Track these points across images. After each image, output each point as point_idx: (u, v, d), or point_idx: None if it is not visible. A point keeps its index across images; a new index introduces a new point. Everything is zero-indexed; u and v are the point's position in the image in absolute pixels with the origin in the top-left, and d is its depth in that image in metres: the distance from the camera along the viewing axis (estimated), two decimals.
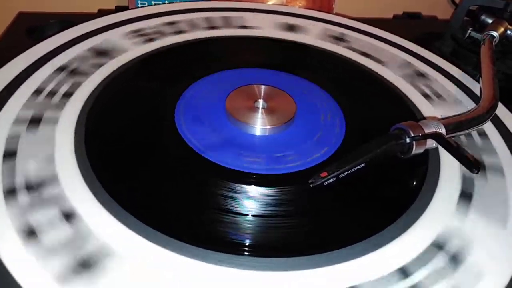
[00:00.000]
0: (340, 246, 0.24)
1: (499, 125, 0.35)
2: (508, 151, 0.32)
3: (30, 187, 0.25)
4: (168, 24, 0.43)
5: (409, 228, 0.25)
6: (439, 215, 0.27)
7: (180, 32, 0.42)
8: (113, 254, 0.22)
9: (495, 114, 0.33)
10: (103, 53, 0.38)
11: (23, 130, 0.29)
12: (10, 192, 0.25)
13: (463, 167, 0.29)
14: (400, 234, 0.25)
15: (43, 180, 0.26)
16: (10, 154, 0.27)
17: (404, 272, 0.23)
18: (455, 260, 0.24)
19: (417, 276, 0.23)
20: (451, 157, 0.27)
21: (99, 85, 0.34)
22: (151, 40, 0.40)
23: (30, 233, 0.23)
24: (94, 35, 0.40)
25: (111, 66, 0.36)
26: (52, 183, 0.25)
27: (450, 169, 0.30)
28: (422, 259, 0.24)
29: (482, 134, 0.33)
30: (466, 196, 0.28)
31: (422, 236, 0.25)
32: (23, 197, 0.24)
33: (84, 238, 0.23)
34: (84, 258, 0.22)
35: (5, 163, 0.26)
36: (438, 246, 0.25)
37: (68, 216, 0.24)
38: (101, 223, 0.24)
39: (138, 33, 0.41)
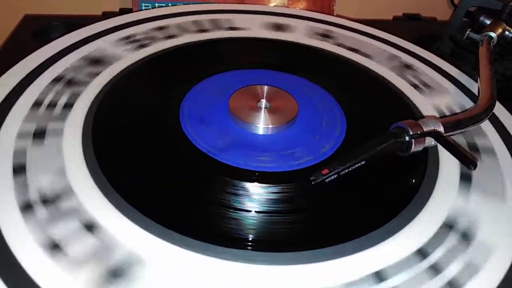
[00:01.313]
0: (349, 239, 0.25)
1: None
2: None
3: (46, 201, 0.25)
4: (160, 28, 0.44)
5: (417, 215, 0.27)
6: (444, 200, 0.28)
7: (181, 34, 0.43)
8: (139, 259, 0.23)
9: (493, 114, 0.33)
10: (108, 53, 0.38)
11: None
12: (27, 208, 0.24)
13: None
14: (410, 221, 0.26)
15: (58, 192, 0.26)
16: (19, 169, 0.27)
17: (422, 254, 0.24)
18: (466, 237, 0.26)
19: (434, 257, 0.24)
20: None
21: (103, 89, 0.34)
22: (153, 42, 0.41)
23: (54, 247, 0.23)
24: (99, 37, 0.41)
25: (117, 66, 0.37)
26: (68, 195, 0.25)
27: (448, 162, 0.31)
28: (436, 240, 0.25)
29: None
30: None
31: (432, 220, 0.27)
32: (40, 212, 0.24)
33: (109, 248, 0.23)
34: (112, 267, 0.22)
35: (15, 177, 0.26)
36: (448, 226, 0.26)
37: (90, 227, 0.24)
38: (122, 230, 0.24)
39: (139, 35, 0.42)
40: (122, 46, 0.40)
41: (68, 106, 0.32)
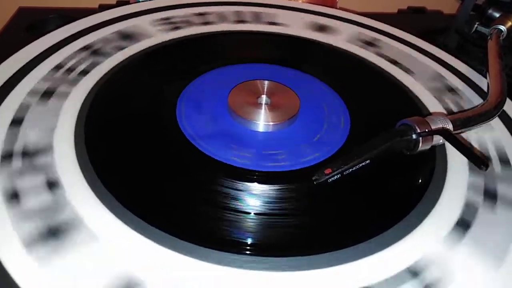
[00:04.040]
0: (346, 246, 0.23)
1: None
2: None
3: (25, 154, 0.26)
4: (165, 19, 0.43)
5: (417, 227, 0.25)
6: (455, 200, 0.27)
7: (181, 27, 0.42)
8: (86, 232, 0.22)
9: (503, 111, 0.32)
10: (103, 47, 0.37)
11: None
12: (6, 157, 0.26)
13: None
14: (407, 232, 0.25)
15: (38, 148, 0.27)
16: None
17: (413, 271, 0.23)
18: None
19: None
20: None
21: (101, 79, 0.34)
22: (152, 35, 0.40)
23: (13, 196, 0.24)
24: (94, 30, 0.40)
25: (112, 60, 0.36)
26: (46, 153, 0.27)
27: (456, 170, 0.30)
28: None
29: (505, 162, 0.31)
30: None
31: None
32: (16, 163, 0.26)
33: (60, 208, 0.23)
34: (54, 226, 0.22)
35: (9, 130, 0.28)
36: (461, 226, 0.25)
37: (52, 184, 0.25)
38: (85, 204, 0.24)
39: (141, 27, 0.41)
40: (121, 39, 0.39)
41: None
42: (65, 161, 0.26)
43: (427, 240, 0.24)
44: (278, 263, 0.22)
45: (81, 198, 0.24)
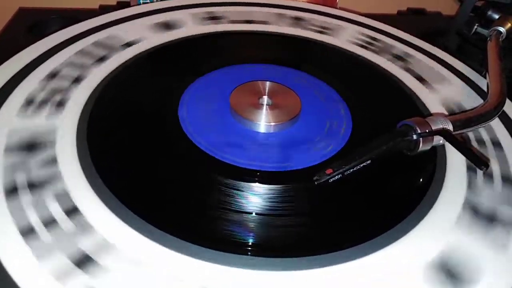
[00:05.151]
0: (349, 246, 0.23)
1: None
2: None
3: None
4: (170, 19, 0.43)
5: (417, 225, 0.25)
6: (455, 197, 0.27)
7: (182, 27, 0.42)
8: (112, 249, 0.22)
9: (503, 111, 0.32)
10: (105, 48, 0.37)
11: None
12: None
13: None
14: (409, 231, 0.25)
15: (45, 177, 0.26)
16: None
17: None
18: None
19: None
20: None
21: (103, 80, 0.34)
22: (152, 36, 0.40)
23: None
24: (95, 32, 0.40)
25: (114, 61, 0.36)
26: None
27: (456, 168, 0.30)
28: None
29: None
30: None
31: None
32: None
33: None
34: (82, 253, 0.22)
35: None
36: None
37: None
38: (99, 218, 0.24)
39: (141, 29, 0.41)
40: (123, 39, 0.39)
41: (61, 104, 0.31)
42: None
43: (427, 239, 0.25)
44: (278, 263, 0.22)
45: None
